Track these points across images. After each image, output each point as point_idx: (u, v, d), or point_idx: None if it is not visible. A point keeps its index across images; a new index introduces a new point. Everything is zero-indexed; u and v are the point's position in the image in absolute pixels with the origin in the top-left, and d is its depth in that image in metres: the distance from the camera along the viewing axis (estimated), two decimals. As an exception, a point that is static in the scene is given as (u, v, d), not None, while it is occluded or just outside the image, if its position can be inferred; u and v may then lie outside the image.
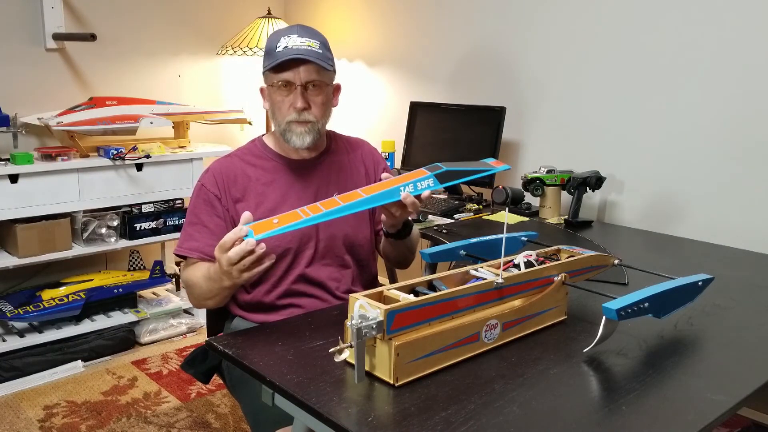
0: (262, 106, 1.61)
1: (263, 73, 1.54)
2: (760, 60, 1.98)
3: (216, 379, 1.66)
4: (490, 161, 1.52)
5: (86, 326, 2.75)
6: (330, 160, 1.64)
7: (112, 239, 2.78)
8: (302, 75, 1.48)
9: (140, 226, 2.83)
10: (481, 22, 2.74)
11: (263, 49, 3.27)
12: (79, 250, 2.69)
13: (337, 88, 1.60)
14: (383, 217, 1.47)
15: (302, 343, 1.20)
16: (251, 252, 1.20)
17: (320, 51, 1.49)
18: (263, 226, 1.20)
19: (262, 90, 1.60)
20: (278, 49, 1.48)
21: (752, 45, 1.99)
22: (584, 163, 2.39)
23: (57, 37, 2.81)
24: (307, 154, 1.60)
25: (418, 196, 1.36)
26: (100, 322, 2.78)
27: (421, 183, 1.36)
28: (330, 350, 1.04)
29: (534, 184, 2.30)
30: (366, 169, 1.68)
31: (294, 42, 1.47)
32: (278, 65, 1.46)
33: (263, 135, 1.67)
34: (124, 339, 2.82)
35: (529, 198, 2.41)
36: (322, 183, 1.60)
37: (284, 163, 1.59)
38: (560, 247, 1.43)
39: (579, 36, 2.42)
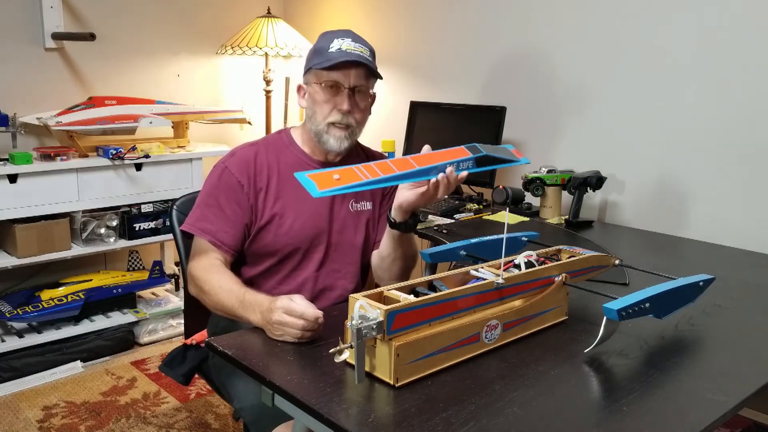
0: (298, 104, 1.60)
1: (309, 70, 1.53)
2: (763, 61, 1.97)
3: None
4: (511, 149, 1.52)
5: (85, 326, 2.74)
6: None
7: (111, 239, 2.77)
8: (352, 78, 1.48)
9: (139, 226, 2.83)
10: (482, 22, 2.73)
11: (263, 49, 3.26)
12: (78, 250, 2.68)
13: (373, 97, 1.59)
14: (407, 196, 1.40)
15: (302, 344, 1.19)
16: (311, 329, 1.19)
17: (370, 59, 1.51)
18: (325, 180, 1.12)
19: (300, 87, 1.58)
20: (331, 50, 1.48)
21: (755, 47, 1.99)
22: (585, 162, 2.39)
23: (56, 36, 2.81)
24: (332, 158, 1.58)
25: (457, 176, 1.34)
26: (99, 323, 2.78)
27: (462, 164, 1.36)
28: (330, 351, 1.04)
29: (534, 184, 2.30)
30: None
31: (348, 45, 1.48)
32: (332, 65, 1.46)
33: (291, 128, 1.65)
34: (124, 339, 2.82)
35: (529, 198, 2.41)
36: None
37: (308, 162, 1.58)
38: (561, 247, 1.43)
39: (580, 35, 2.41)
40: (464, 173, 1.36)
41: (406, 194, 1.42)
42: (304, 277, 1.55)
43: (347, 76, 1.48)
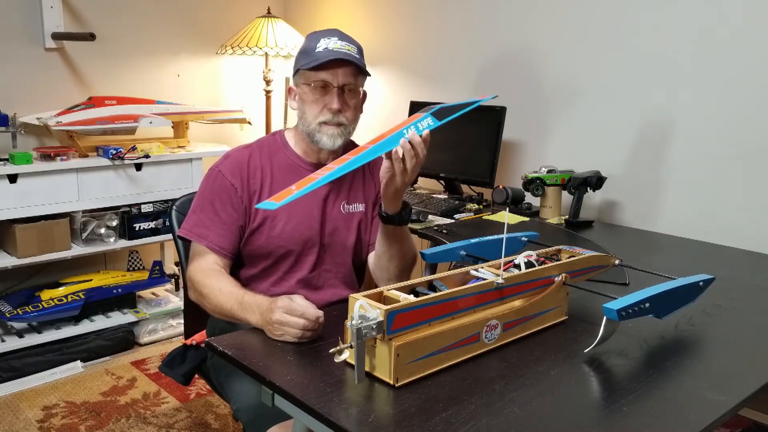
0: (289, 106, 1.61)
1: (297, 71, 1.53)
2: (762, 60, 1.97)
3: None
4: (484, 100, 1.48)
5: (85, 326, 2.74)
6: None
7: (111, 239, 2.77)
8: (340, 77, 1.48)
9: (139, 226, 2.83)
10: (482, 22, 2.73)
11: (263, 49, 3.26)
12: (78, 250, 2.68)
13: (364, 95, 1.58)
14: (386, 179, 1.36)
15: (302, 344, 1.19)
16: (311, 328, 1.19)
17: (358, 56, 1.51)
18: (283, 195, 1.14)
19: (290, 90, 1.58)
20: (318, 50, 1.47)
21: (755, 46, 1.99)
22: (585, 162, 2.38)
23: (56, 36, 2.81)
24: (326, 158, 1.58)
25: (420, 137, 1.31)
26: (99, 323, 2.78)
27: (421, 123, 1.33)
28: (330, 351, 1.04)
29: (534, 184, 2.30)
30: (375, 183, 1.65)
31: (335, 44, 1.48)
32: (319, 65, 1.46)
33: (285, 130, 1.65)
34: (124, 339, 2.81)
35: (529, 198, 2.41)
36: (333, 189, 1.58)
37: (300, 164, 1.58)
38: (561, 247, 1.43)
39: (579, 35, 2.41)
40: (426, 131, 1.32)
41: (385, 179, 1.38)
42: (298, 279, 1.55)
43: (335, 75, 1.48)
